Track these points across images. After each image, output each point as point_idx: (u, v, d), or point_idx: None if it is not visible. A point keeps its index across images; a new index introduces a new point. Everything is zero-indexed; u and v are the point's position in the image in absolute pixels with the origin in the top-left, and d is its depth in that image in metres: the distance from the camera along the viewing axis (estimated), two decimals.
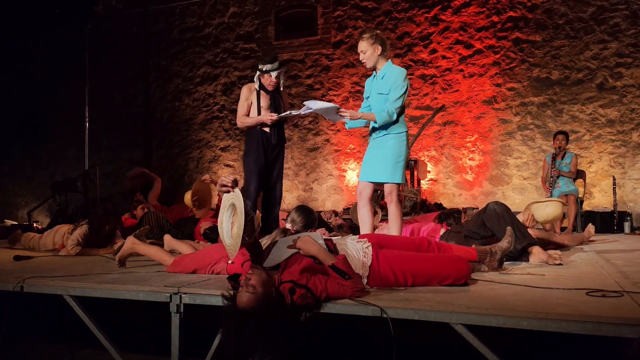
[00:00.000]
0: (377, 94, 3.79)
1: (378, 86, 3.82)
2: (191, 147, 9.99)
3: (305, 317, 2.33)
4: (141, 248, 3.69)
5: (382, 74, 3.81)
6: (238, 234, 2.43)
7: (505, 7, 8.10)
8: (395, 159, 3.75)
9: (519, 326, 2.11)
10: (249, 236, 2.47)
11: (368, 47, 3.76)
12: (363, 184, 3.90)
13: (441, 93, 8.38)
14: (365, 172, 3.87)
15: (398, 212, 3.81)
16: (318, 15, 9.11)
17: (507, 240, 3.18)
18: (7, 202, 11.33)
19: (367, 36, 3.78)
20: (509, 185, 8.02)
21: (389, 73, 3.78)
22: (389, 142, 3.77)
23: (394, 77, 3.74)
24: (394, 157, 3.75)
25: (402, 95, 3.72)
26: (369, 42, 3.76)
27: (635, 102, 7.43)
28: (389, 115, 3.67)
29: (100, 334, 2.92)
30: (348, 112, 3.70)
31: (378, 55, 3.79)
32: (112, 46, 10.42)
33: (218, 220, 2.62)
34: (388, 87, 3.74)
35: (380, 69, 3.83)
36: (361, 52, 3.80)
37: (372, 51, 3.77)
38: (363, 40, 3.78)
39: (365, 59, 3.80)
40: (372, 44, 3.76)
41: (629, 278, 2.87)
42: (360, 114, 3.76)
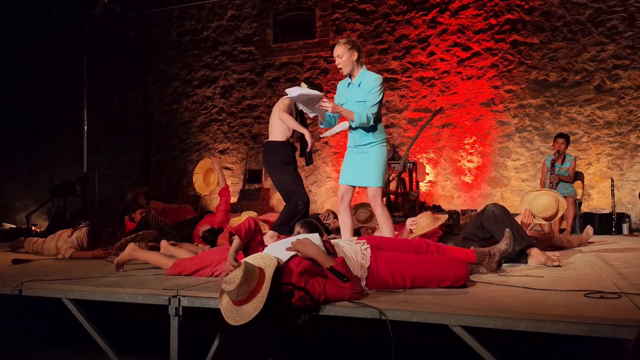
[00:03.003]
0: (355, 102, 3.83)
1: (356, 94, 3.86)
2: (190, 149, 9.99)
3: (304, 320, 2.33)
4: (140, 254, 3.69)
5: (358, 81, 3.87)
6: (248, 314, 2.24)
7: (503, 9, 8.12)
8: (380, 165, 3.86)
9: (517, 328, 2.11)
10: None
11: (345, 52, 3.82)
12: (345, 187, 3.98)
13: (439, 95, 8.39)
14: (349, 176, 3.95)
15: (385, 213, 3.91)
16: (316, 18, 9.13)
17: (506, 242, 3.18)
18: (6, 206, 11.32)
19: (343, 42, 3.85)
20: (508, 187, 8.02)
21: (366, 80, 3.84)
22: (374, 149, 3.85)
23: (370, 84, 3.79)
24: (378, 163, 3.85)
25: (378, 102, 3.80)
26: (346, 48, 3.82)
27: (633, 104, 7.45)
28: (367, 119, 3.73)
29: (98, 337, 2.91)
30: (330, 104, 3.71)
31: (354, 61, 3.85)
32: (110, 49, 10.42)
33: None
34: (365, 94, 3.80)
35: (356, 75, 3.88)
36: (337, 57, 3.85)
37: (348, 56, 3.82)
38: (340, 45, 3.84)
39: (342, 64, 3.85)
40: (349, 50, 3.82)
41: (627, 279, 2.87)
42: (341, 108, 3.77)
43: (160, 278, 3.25)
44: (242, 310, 2.24)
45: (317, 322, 2.38)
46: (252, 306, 2.23)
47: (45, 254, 4.99)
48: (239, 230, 2.75)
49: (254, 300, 2.23)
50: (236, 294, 2.23)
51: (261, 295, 2.23)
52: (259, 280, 2.28)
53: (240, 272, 2.24)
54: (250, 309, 2.22)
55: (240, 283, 2.22)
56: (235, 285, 2.22)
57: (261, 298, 2.22)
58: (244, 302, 2.24)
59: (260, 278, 2.29)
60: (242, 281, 2.22)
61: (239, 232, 2.73)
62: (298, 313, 2.32)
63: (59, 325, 3.73)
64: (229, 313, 2.27)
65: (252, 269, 2.29)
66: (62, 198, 8.46)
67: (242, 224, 2.83)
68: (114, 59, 10.42)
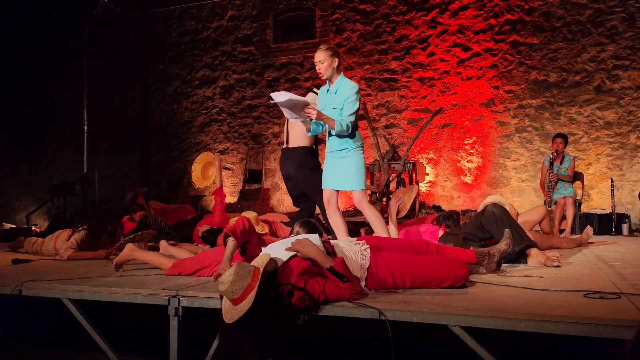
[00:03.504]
0: (332, 109, 3.89)
1: (332, 101, 3.93)
2: (190, 149, 9.99)
3: (304, 320, 2.33)
4: (139, 255, 3.69)
5: (335, 88, 3.94)
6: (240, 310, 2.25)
7: (503, 10, 8.12)
8: (358, 169, 3.95)
9: (517, 328, 2.11)
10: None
11: (326, 58, 3.89)
12: (330, 191, 4.07)
13: (439, 95, 8.39)
14: (331, 180, 4.04)
15: (374, 213, 3.98)
16: (316, 18, 9.13)
17: (505, 242, 3.19)
18: (6, 206, 11.32)
19: (325, 48, 3.94)
20: (507, 187, 8.02)
21: (342, 87, 3.92)
22: (350, 155, 3.93)
23: (347, 93, 3.86)
24: (356, 167, 3.94)
25: (355, 111, 3.87)
26: (328, 54, 3.90)
27: (633, 104, 7.45)
28: (346, 127, 3.80)
29: (98, 337, 2.92)
30: (315, 111, 3.74)
31: (334, 68, 3.93)
32: (110, 49, 10.43)
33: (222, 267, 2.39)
34: (342, 102, 3.88)
35: (334, 82, 3.96)
36: (319, 62, 3.92)
37: (329, 62, 3.90)
38: (321, 51, 3.92)
39: (322, 69, 3.91)
40: (330, 56, 3.90)
41: (626, 280, 2.87)
42: (324, 116, 3.82)
43: (160, 278, 3.26)
44: (239, 307, 2.25)
45: (316, 322, 2.38)
46: (246, 302, 2.24)
47: (45, 254, 4.99)
48: (234, 232, 2.74)
49: (248, 297, 2.24)
50: (231, 293, 2.24)
51: (254, 291, 2.24)
52: (253, 277, 2.28)
53: (232, 270, 2.26)
54: (244, 305, 2.23)
55: (232, 281, 2.23)
56: (228, 283, 2.23)
57: (253, 293, 2.23)
58: (240, 299, 2.25)
59: (254, 275, 2.30)
60: (234, 279, 2.23)
61: (234, 233, 2.73)
62: (298, 313, 2.32)
63: (59, 325, 3.74)
64: (227, 313, 2.28)
65: (245, 267, 2.30)
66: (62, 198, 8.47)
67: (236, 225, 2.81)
68: (114, 59, 10.42)
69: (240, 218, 2.88)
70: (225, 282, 2.24)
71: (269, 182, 9.34)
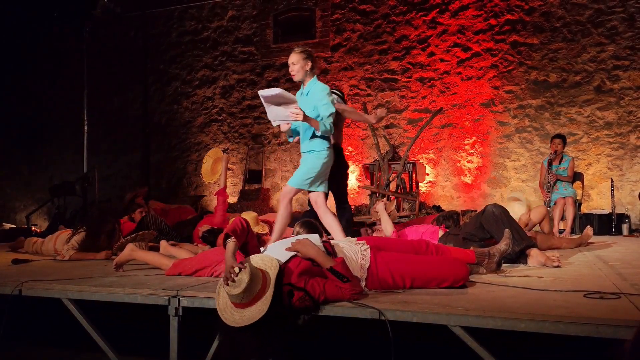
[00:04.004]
0: (304, 110, 3.89)
1: (304, 103, 3.96)
2: (190, 150, 9.99)
3: (304, 320, 2.33)
4: (139, 255, 3.69)
5: (307, 90, 4.01)
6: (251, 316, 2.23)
7: (503, 10, 8.12)
8: (312, 171, 3.98)
9: (517, 328, 2.11)
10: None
11: (299, 60, 3.96)
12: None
13: (439, 96, 8.39)
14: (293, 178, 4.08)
15: (329, 215, 4.01)
16: (316, 18, 9.13)
17: (505, 242, 3.19)
18: (6, 206, 11.32)
19: (299, 50, 4.01)
20: (507, 187, 8.03)
21: (313, 90, 3.98)
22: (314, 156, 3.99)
23: (318, 95, 3.92)
24: (312, 169, 3.98)
25: (333, 113, 3.89)
26: (301, 56, 3.98)
27: (633, 105, 7.45)
28: (330, 127, 3.86)
29: (98, 337, 2.92)
30: (301, 113, 3.74)
31: (307, 71, 3.99)
32: (110, 49, 10.43)
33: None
34: (313, 105, 3.93)
35: (307, 84, 4.03)
36: (292, 64, 4.00)
37: (302, 65, 3.97)
38: (295, 53, 3.99)
39: (295, 71, 3.99)
40: (303, 59, 3.97)
41: (626, 280, 2.88)
42: (310, 118, 3.85)
43: (160, 278, 3.26)
44: (245, 313, 2.23)
45: (316, 323, 2.38)
46: (256, 309, 2.21)
47: (45, 254, 4.99)
48: (234, 231, 2.72)
49: (257, 304, 2.22)
50: (241, 297, 2.22)
51: (265, 299, 2.23)
52: (262, 283, 2.27)
53: (247, 276, 2.23)
54: (254, 312, 2.21)
55: (246, 287, 2.21)
56: (242, 289, 2.20)
57: (265, 302, 2.22)
58: (247, 305, 2.23)
59: (263, 281, 2.28)
60: (249, 285, 2.21)
61: (234, 233, 2.71)
62: (298, 313, 2.32)
63: (59, 325, 3.74)
64: (228, 314, 2.26)
65: (256, 273, 2.29)
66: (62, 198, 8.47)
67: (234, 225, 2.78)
68: (114, 59, 10.42)
69: (237, 218, 2.87)
70: (239, 286, 2.21)
71: (269, 182, 9.34)
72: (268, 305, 2.20)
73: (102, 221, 4.74)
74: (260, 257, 2.46)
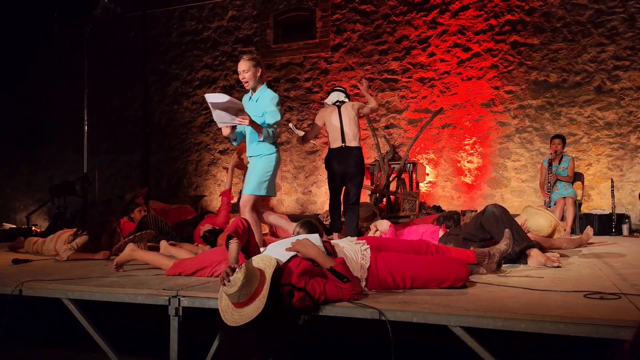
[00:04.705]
0: (252, 116, 4.00)
1: (253, 109, 4.08)
2: (190, 150, 9.99)
3: (304, 320, 2.33)
4: (140, 255, 3.69)
5: (257, 97, 4.10)
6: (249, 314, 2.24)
7: (503, 10, 8.12)
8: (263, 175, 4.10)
9: (517, 328, 2.11)
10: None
11: (250, 68, 4.05)
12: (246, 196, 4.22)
13: (439, 96, 8.39)
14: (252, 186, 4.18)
15: (254, 218, 4.12)
16: (317, 18, 9.13)
17: (505, 242, 3.19)
18: (6, 206, 11.32)
19: (248, 57, 4.09)
20: (508, 187, 8.03)
21: (262, 97, 4.08)
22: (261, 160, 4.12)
23: (266, 102, 4.04)
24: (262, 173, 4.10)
25: (278, 121, 4.06)
26: (251, 64, 4.05)
27: (633, 105, 7.45)
28: (272, 134, 4.04)
29: (98, 337, 2.92)
30: (247, 118, 3.85)
31: (258, 77, 4.09)
32: (110, 50, 10.43)
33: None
34: (262, 111, 4.04)
35: (257, 91, 4.12)
36: (242, 72, 4.07)
37: (253, 72, 4.06)
38: (244, 61, 4.06)
39: (247, 78, 4.07)
40: (253, 66, 4.05)
41: (627, 280, 2.88)
42: (255, 123, 3.95)
43: (161, 278, 3.26)
44: (243, 312, 2.24)
45: (317, 323, 2.38)
46: (253, 307, 2.23)
47: (45, 254, 4.99)
48: (236, 232, 2.71)
49: (255, 302, 2.23)
50: (238, 297, 2.23)
51: (262, 297, 2.23)
52: (259, 281, 2.28)
53: (242, 275, 2.24)
54: (252, 310, 2.22)
55: (241, 285, 2.22)
56: (237, 287, 2.22)
57: (262, 299, 2.22)
58: (245, 304, 2.24)
59: (260, 280, 2.29)
60: (244, 284, 2.22)
61: (236, 233, 2.70)
62: (298, 313, 2.32)
63: (59, 325, 3.74)
64: (229, 315, 2.27)
65: (253, 271, 2.29)
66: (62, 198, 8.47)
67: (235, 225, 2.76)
68: (114, 59, 10.42)
69: (237, 218, 2.86)
70: (234, 285, 2.23)
71: None
72: (264, 303, 2.20)
73: (104, 223, 4.73)
74: (260, 257, 2.46)
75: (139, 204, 6.23)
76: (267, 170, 4.11)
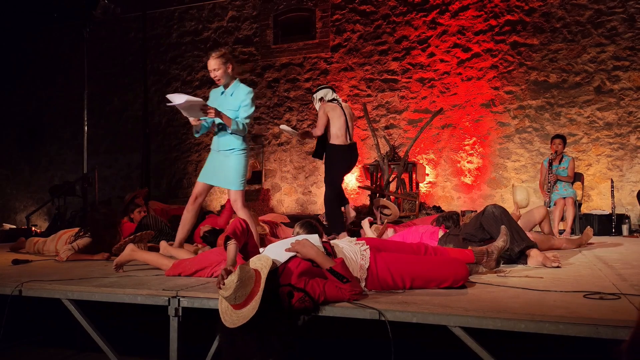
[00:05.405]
0: (226, 110, 4.07)
1: (228, 103, 4.13)
2: (190, 150, 9.99)
3: (303, 321, 2.33)
4: (140, 255, 3.68)
5: (231, 91, 4.16)
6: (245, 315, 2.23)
7: (503, 10, 8.13)
8: (240, 170, 4.14)
9: (517, 329, 2.11)
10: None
11: (221, 65, 4.08)
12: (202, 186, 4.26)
13: (439, 96, 8.39)
14: (209, 176, 4.23)
15: (247, 215, 4.13)
16: (316, 19, 9.13)
17: (503, 239, 3.18)
18: (6, 206, 11.32)
19: (217, 55, 4.10)
20: (508, 188, 8.02)
21: (238, 92, 4.13)
22: (235, 155, 4.14)
23: (242, 97, 4.08)
24: (239, 168, 4.14)
25: (251, 114, 4.12)
26: (221, 61, 4.08)
27: (633, 105, 7.45)
28: (243, 127, 4.06)
29: (98, 337, 2.92)
30: (213, 110, 3.92)
31: (229, 73, 4.13)
32: (110, 50, 10.43)
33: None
34: (238, 105, 4.09)
35: (230, 86, 4.17)
36: (214, 70, 4.10)
37: (224, 69, 4.09)
38: (214, 59, 4.08)
39: (219, 76, 4.10)
40: (224, 63, 4.08)
41: (626, 280, 2.87)
42: (223, 114, 4.00)
43: (160, 278, 3.25)
44: (241, 313, 2.24)
45: (316, 323, 2.38)
46: (250, 308, 2.23)
47: (46, 254, 4.98)
48: (234, 234, 2.70)
49: (251, 303, 2.23)
50: (234, 299, 2.23)
51: (258, 297, 2.23)
52: (255, 282, 2.27)
53: (236, 277, 2.24)
54: (248, 311, 2.22)
55: (236, 287, 2.22)
56: (232, 290, 2.22)
57: (257, 299, 2.22)
58: (243, 305, 2.24)
59: (256, 280, 2.28)
60: (239, 285, 2.22)
61: (234, 235, 2.69)
62: (298, 314, 2.32)
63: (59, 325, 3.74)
64: (228, 317, 2.27)
65: (248, 272, 2.29)
66: (62, 198, 8.47)
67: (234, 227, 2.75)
68: (114, 60, 10.43)
69: (236, 219, 2.85)
70: (229, 288, 2.23)
71: (269, 182, 9.34)
72: (259, 303, 2.20)
73: (109, 226, 4.73)
74: (258, 257, 2.46)
75: (139, 204, 6.22)
76: (244, 165, 4.18)
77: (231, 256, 2.55)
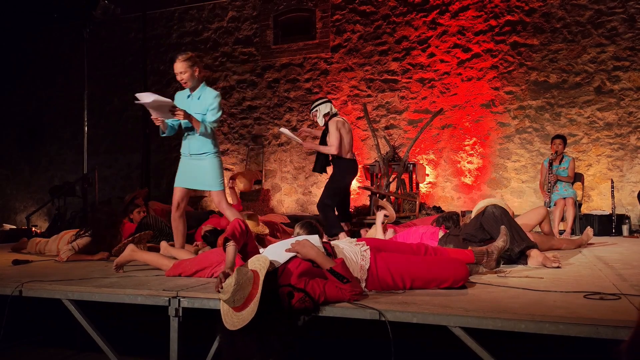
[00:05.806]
0: (193, 113, 4.11)
1: (194, 106, 4.16)
2: None
3: (304, 321, 2.33)
4: (140, 255, 3.69)
5: (198, 95, 4.18)
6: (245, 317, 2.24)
7: (503, 11, 8.13)
8: (217, 171, 4.24)
9: (517, 329, 2.11)
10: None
11: (187, 68, 4.10)
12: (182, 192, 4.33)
13: (439, 96, 8.39)
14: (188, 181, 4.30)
15: (234, 213, 4.20)
16: (316, 19, 9.13)
17: (503, 239, 3.18)
18: (6, 206, 11.32)
19: (184, 58, 4.11)
20: (508, 188, 8.03)
21: (205, 95, 4.16)
22: (209, 158, 4.24)
23: (210, 100, 4.13)
24: (215, 170, 4.24)
25: (218, 118, 4.18)
26: (188, 64, 4.10)
27: (633, 105, 7.45)
28: (211, 131, 4.14)
29: (98, 337, 2.92)
30: (182, 112, 3.96)
31: (196, 76, 4.15)
32: (110, 50, 10.43)
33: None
34: (205, 108, 4.13)
35: (197, 89, 4.18)
36: (180, 73, 4.11)
37: (191, 72, 4.12)
38: (180, 62, 4.10)
39: (186, 79, 4.12)
40: (190, 66, 4.10)
41: (626, 280, 2.88)
42: (191, 116, 4.04)
43: (161, 279, 3.26)
44: (241, 315, 2.24)
45: (317, 323, 2.38)
46: (249, 310, 2.23)
47: (47, 255, 4.99)
48: (233, 235, 2.70)
49: (251, 305, 2.23)
50: (232, 302, 2.23)
51: (256, 299, 2.23)
52: (253, 283, 2.27)
53: (233, 280, 2.24)
54: (248, 313, 2.22)
55: (234, 291, 2.22)
56: (230, 293, 2.22)
57: (256, 302, 2.22)
58: (242, 307, 2.24)
59: (255, 281, 2.28)
60: (236, 289, 2.22)
61: (233, 236, 2.69)
62: (298, 314, 2.32)
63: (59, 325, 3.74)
64: (229, 319, 2.27)
65: (246, 275, 2.29)
66: (62, 199, 8.47)
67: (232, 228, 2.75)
68: (114, 60, 10.43)
69: (235, 220, 2.84)
70: (227, 291, 2.23)
71: (269, 183, 9.34)
72: (257, 305, 2.20)
73: (111, 226, 4.73)
74: (256, 258, 2.46)
75: (139, 205, 6.23)
76: (219, 166, 4.28)
77: (230, 258, 2.55)
